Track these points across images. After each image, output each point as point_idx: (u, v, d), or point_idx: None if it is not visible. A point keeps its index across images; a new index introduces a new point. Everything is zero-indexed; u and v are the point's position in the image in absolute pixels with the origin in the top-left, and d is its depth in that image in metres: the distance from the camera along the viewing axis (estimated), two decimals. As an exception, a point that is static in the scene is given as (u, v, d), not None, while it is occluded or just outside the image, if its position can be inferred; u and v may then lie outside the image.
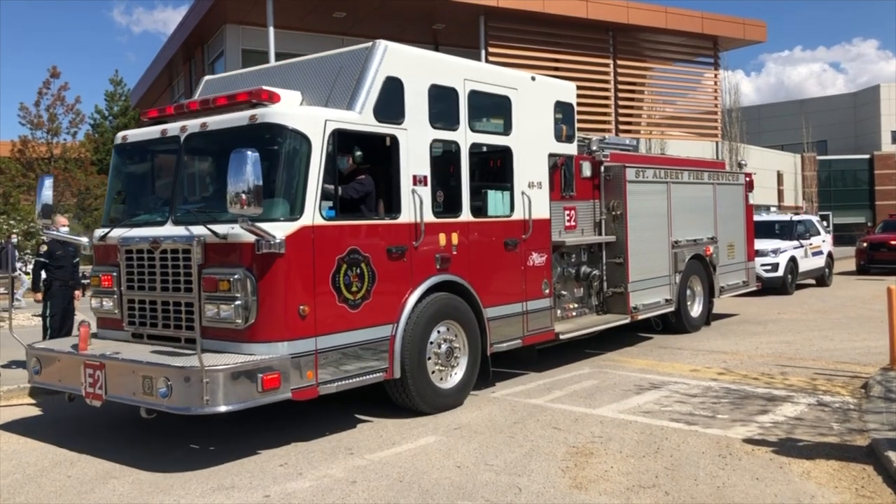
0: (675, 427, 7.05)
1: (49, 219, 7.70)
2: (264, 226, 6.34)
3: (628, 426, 7.14)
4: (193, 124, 7.10)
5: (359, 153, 7.46)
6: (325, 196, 6.75)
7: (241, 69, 8.84)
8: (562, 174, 10.15)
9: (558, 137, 9.64)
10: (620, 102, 23.85)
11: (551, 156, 9.55)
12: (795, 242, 19.59)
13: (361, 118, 7.05)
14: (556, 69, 21.03)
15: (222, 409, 6.01)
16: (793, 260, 19.17)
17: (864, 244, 25.34)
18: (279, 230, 6.38)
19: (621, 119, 23.83)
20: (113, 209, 7.97)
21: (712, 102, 26.64)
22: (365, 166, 7.74)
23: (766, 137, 55.42)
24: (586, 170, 10.68)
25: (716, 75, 26.57)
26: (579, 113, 21.84)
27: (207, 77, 8.90)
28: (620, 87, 23.64)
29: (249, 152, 5.90)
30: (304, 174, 6.57)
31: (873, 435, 6.37)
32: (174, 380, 6.01)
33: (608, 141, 12.54)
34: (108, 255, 7.48)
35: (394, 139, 7.41)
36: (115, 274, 7.34)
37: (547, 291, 9.34)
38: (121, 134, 7.89)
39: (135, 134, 7.75)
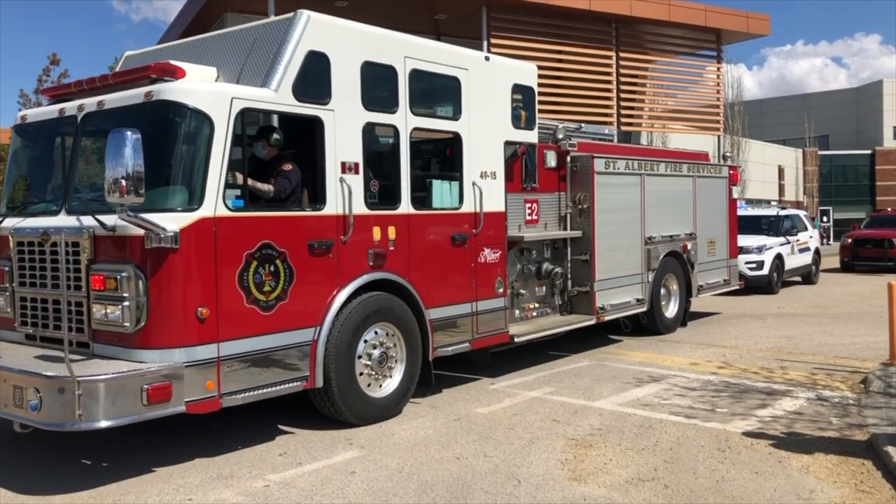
0: (674, 420, 7.06)
1: None
2: (156, 217, 5.63)
3: (627, 419, 7.14)
4: (91, 103, 6.36)
5: (276, 136, 6.73)
6: (232, 184, 6.02)
7: (166, 43, 8.06)
8: (522, 164, 9.38)
9: (516, 124, 8.88)
10: (622, 95, 23.34)
11: (508, 144, 8.79)
12: (782, 239, 18.82)
13: (277, 97, 6.30)
14: (559, 61, 20.75)
15: (102, 424, 5.30)
16: (779, 257, 18.38)
17: (849, 240, 24.52)
18: (172, 222, 5.65)
19: (623, 112, 23.34)
20: (11, 196, 7.23)
21: (715, 96, 26.02)
22: (289, 151, 7.01)
23: (767, 132, 54.60)
24: (551, 160, 9.92)
25: (718, 69, 25.92)
26: (580, 105, 21.52)
27: (128, 53, 8.14)
28: (623, 79, 23.15)
29: (129, 133, 5.18)
30: (204, 159, 5.82)
31: (872, 430, 6.40)
32: (44, 391, 5.29)
33: (584, 130, 11.79)
34: (2, 247, 6.75)
35: (318, 121, 6.66)
36: (6, 268, 6.61)
37: (501, 291, 8.60)
38: (21, 113, 7.15)
39: (35, 113, 7.01)
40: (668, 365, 9.61)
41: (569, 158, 10.13)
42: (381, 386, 7.22)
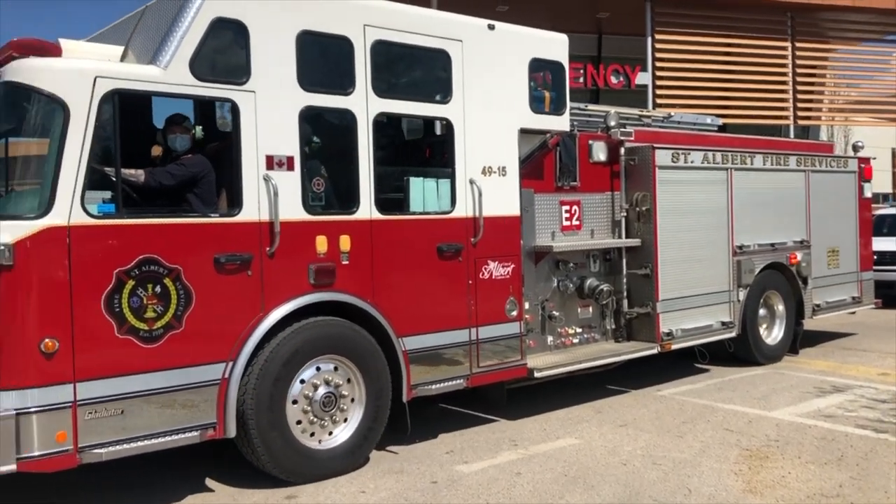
0: (861, 434, 6.59)
1: None
2: (-8, 226, 4.52)
3: (807, 430, 6.72)
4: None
5: (187, 124, 5.49)
6: (97, 184, 4.82)
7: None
8: (556, 157, 7.66)
9: (537, 108, 7.15)
10: (799, 88, 21.15)
11: (526, 132, 7.10)
12: None
13: (166, 76, 5.02)
14: (729, 55, 19.37)
15: None
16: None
17: None
18: (5, 233, 4.51)
19: (800, 106, 21.33)
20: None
21: (904, 84, 22.97)
22: (213, 145, 5.76)
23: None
24: (599, 152, 8.09)
25: (908, 54, 22.91)
26: (752, 101, 19.32)
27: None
28: (799, 71, 21.00)
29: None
30: (55, 154, 4.65)
31: None
32: None
33: (674, 119, 9.84)
34: None
35: (231, 106, 5.35)
36: None
37: (514, 314, 6.91)
38: None
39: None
40: (853, 375, 8.93)
41: (622, 150, 8.24)
42: (329, 434, 5.79)
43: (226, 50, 5.33)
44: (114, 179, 4.88)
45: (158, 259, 4.97)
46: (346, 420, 5.87)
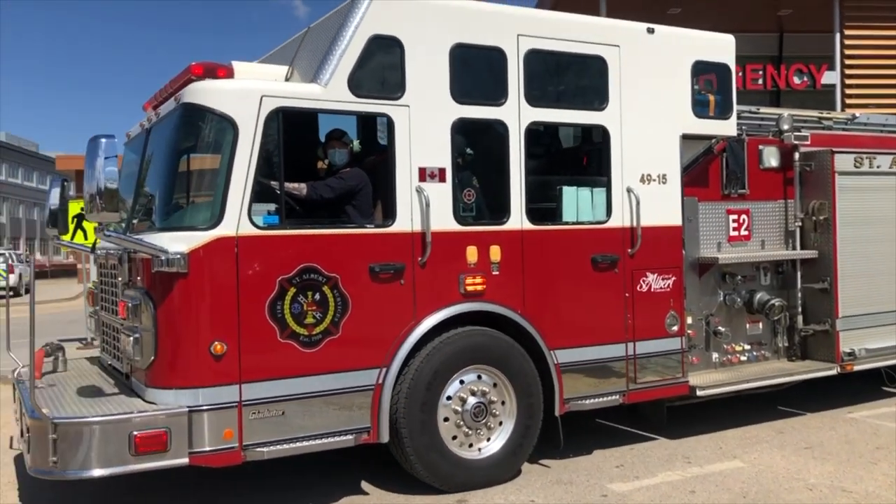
0: None
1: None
2: (169, 236, 4.93)
3: None
4: (155, 114, 5.92)
5: (346, 139, 5.71)
6: (263, 197, 5.12)
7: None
8: (722, 164, 7.28)
9: (701, 112, 6.84)
10: None
11: (689, 138, 6.80)
12: None
13: (326, 93, 5.26)
14: None
15: (82, 474, 4.65)
16: None
17: None
18: (181, 243, 4.88)
19: None
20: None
21: None
22: (370, 159, 5.97)
23: None
24: (770, 158, 7.59)
25: None
26: None
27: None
28: None
29: (103, 140, 4.52)
30: (225, 169, 4.98)
31: None
32: (33, 433, 4.79)
33: (860, 121, 9.10)
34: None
35: (387, 121, 5.51)
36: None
37: (675, 329, 6.63)
38: (127, 132, 7.01)
39: (133, 129, 6.80)
40: None
41: (797, 155, 7.69)
42: (480, 443, 5.80)
43: (382, 66, 5.50)
44: (278, 192, 5.16)
45: (318, 268, 5.20)
46: (497, 431, 5.85)
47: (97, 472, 4.63)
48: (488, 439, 5.82)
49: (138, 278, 5.20)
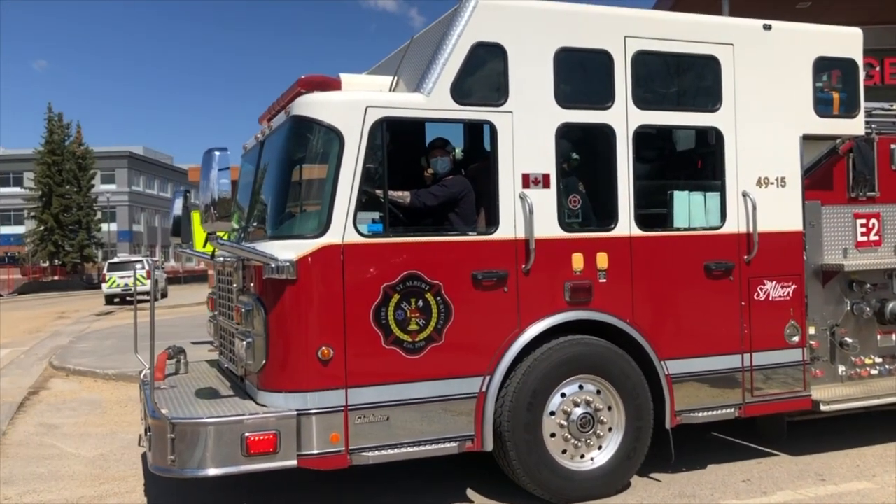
0: None
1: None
2: (279, 245, 5.10)
3: None
4: (269, 126, 6.14)
5: (449, 146, 5.73)
6: (368, 205, 5.21)
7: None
8: (848, 165, 6.86)
9: (824, 111, 6.47)
10: None
11: (809, 138, 6.44)
12: None
13: (429, 102, 5.30)
14: None
15: (198, 473, 4.86)
16: None
17: None
18: (290, 251, 5.03)
19: None
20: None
21: None
22: (473, 166, 5.97)
23: None
24: (903, 158, 7.09)
25: None
26: None
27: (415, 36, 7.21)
28: None
29: (217, 152, 4.72)
30: (332, 179, 5.10)
31: None
32: (154, 432, 5.04)
33: None
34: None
35: (490, 127, 5.49)
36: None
37: (796, 339, 6.28)
38: (244, 144, 7.29)
39: (249, 142, 7.08)
40: None
41: (934, 154, 7.14)
42: (584, 456, 5.67)
43: (484, 73, 5.50)
44: (382, 201, 5.24)
45: (421, 275, 5.24)
46: (607, 437, 5.71)
47: (212, 472, 4.84)
48: (599, 447, 5.69)
49: (251, 285, 5.39)
